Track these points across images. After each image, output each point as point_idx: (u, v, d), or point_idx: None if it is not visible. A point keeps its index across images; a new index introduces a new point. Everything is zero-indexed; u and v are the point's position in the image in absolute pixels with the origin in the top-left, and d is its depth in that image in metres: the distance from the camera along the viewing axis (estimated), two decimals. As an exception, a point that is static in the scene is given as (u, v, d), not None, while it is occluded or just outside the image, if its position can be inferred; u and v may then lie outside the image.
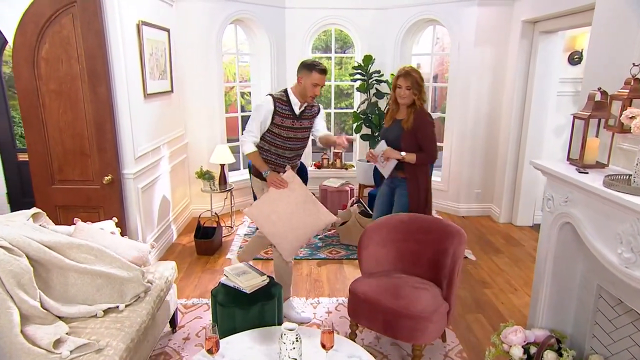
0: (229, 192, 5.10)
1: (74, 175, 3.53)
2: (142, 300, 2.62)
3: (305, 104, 3.18)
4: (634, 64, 2.16)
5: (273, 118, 3.12)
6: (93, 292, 2.49)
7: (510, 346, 2.37)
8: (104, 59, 3.33)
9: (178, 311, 3.30)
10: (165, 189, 4.54)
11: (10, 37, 3.37)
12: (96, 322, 2.37)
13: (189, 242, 4.70)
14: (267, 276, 2.87)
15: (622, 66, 2.27)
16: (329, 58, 6.75)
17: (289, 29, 5.77)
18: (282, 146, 3.22)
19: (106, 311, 2.48)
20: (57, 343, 2.11)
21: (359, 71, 5.66)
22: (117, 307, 2.52)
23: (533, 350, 2.33)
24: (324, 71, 3.07)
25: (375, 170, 3.85)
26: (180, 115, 5.06)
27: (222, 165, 4.99)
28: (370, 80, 5.66)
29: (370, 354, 2.79)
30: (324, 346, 2.06)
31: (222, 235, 4.75)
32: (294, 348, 1.92)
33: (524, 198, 5.18)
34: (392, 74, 5.66)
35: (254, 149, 3.16)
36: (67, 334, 2.21)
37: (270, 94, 3.21)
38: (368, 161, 3.70)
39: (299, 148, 3.36)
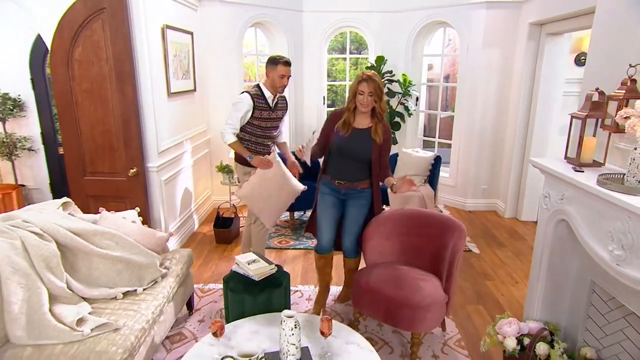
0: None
1: (103, 167, 3.60)
2: (159, 285, 2.67)
3: (277, 96, 3.39)
4: (630, 65, 2.09)
5: (253, 112, 3.28)
6: (114, 276, 2.55)
7: (505, 337, 2.33)
8: (130, 61, 3.38)
9: (195, 295, 3.36)
10: (188, 181, 4.59)
11: (47, 40, 3.45)
12: (116, 304, 2.43)
13: (209, 231, 4.76)
14: (275, 265, 2.89)
15: (620, 67, 2.19)
16: (345, 59, 6.72)
17: (306, 31, 5.74)
18: (262, 135, 3.41)
19: (125, 294, 2.54)
20: (80, 322, 2.17)
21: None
22: (136, 290, 2.57)
23: (526, 341, 2.28)
24: (287, 63, 3.26)
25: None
26: (203, 113, 5.10)
27: (242, 160, 5.02)
28: (382, 80, 5.59)
29: (372, 340, 2.80)
30: (322, 333, 2.07)
31: (240, 225, 4.79)
32: (292, 334, 1.92)
33: (529, 194, 5.07)
34: (403, 74, 5.61)
35: (235, 139, 3.33)
36: (89, 313, 2.27)
37: (247, 91, 3.33)
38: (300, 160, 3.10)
39: (275, 136, 3.55)
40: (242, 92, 3.38)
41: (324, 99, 6.11)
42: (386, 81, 5.57)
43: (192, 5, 4.54)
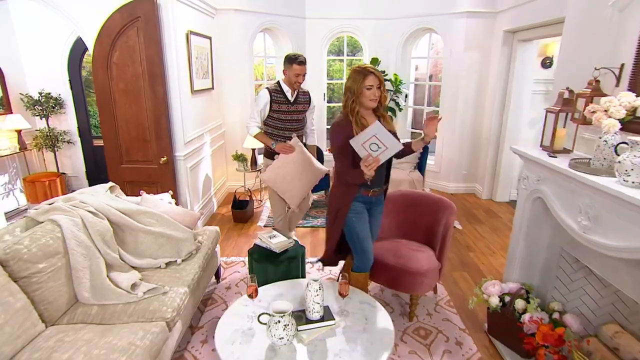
0: (258, 172, 5.21)
1: (137, 156, 3.67)
2: (194, 256, 2.76)
3: (298, 91, 3.30)
4: (595, 68, 2.20)
5: (271, 106, 3.22)
6: (156, 249, 2.64)
7: (489, 296, 2.48)
8: (161, 63, 3.43)
9: (221, 266, 3.45)
10: (208, 169, 4.67)
11: (89, 45, 3.49)
12: (160, 272, 2.53)
13: (227, 212, 4.85)
14: (293, 239, 3.00)
15: (586, 69, 2.28)
16: (342, 60, 6.76)
17: (308, 35, 5.77)
18: (282, 127, 3.33)
19: (167, 264, 2.63)
20: (133, 286, 2.27)
21: (367, 72, 5.67)
22: (176, 261, 2.67)
23: (507, 299, 2.43)
24: (302, 62, 3.14)
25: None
26: (219, 108, 5.15)
27: (253, 150, 5.09)
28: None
29: (376, 302, 2.92)
30: (341, 294, 2.19)
31: (254, 207, 4.89)
32: (317, 294, 2.02)
33: (503, 178, 5.21)
34: (394, 74, 5.67)
35: (258, 130, 3.29)
36: (140, 280, 2.38)
37: (267, 87, 3.27)
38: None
39: (296, 128, 3.41)
40: (264, 88, 3.31)
41: (324, 95, 6.17)
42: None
43: (210, 13, 4.56)
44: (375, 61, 5.62)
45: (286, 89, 3.26)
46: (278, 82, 3.30)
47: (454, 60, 5.22)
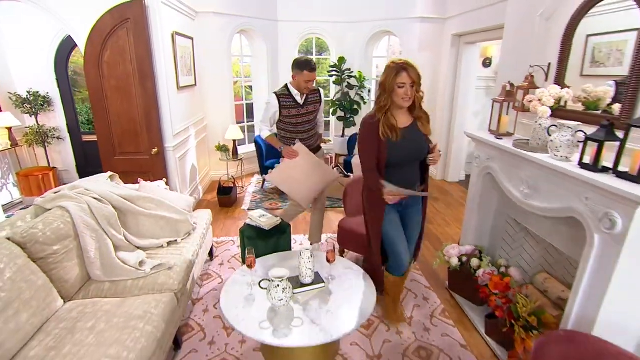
0: (240, 161, 5.23)
1: (129, 149, 3.60)
2: (191, 237, 2.79)
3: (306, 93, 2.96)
4: (530, 65, 2.42)
5: (280, 112, 2.93)
6: (157, 230, 2.65)
7: (450, 257, 2.69)
8: (150, 62, 3.37)
9: (213, 246, 3.50)
10: (193, 159, 4.63)
11: (80, 44, 3.36)
12: (163, 251, 2.56)
13: (212, 199, 4.84)
14: (279, 218, 3.08)
15: (523, 67, 2.49)
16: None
17: (280, 37, 5.76)
18: (294, 131, 3.03)
19: (169, 243, 2.65)
20: (141, 263, 2.29)
21: (335, 69, 5.75)
22: (176, 240, 2.70)
23: (464, 259, 2.66)
24: (313, 69, 2.81)
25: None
26: (201, 103, 5.09)
27: (234, 141, 5.09)
28: (343, 76, 5.77)
29: (354, 268, 3.07)
30: (328, 260, 2.30)
31: (237, 193, 4.91)
32: (309, 261, 2.12)
33: (454, 162, 5.49)
34: (358, 71, 5.78)
35: (269, 133, 3.02)
36: (146, 258, 2.40)
37: (275, 92, 2.96)
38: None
39: (309, 130, 3.09)
40: (272, 93, 2.98)
41: (295, 92, 6.22)
42: (346, 77, 5.75)
43: (191, 15, 4.48)
44: (342, 60, 5.72)
45: (295, 92, 2.92)
46: (286, 86, 2.95)
47: (410, 59, 5.39)
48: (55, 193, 2.37)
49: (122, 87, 3.38)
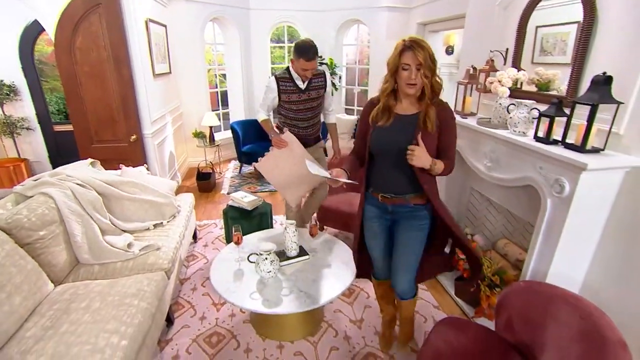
0: (217, 147, 5.16)
1: (107, 136, 3.47)
2: (176, 219, 2.77)
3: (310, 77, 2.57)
4: (490, 50, 2.54)
5: (280, 97, 2.61)
6: (143, 214, 2.61)
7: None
8: (125, 48, 3.23)
9: (196, 229, 3.47)
10: (171, 146, 4.52)
11: (49, 30, 3.16)
12: (149, 233, 2.53)
13: (191, 185, 4.77)
14: (260, 198, 3.11)
15: (484, 52, 2.60)
16: (282, 47, 6.71)
17: (252, 25, 5.64)
18: (294, 118, 2.72)
19: (155, 225, 2.62)
20: (129, 246, 2.26)
21: (306, 57, 5.72)
22: (162, 223, 2.66)
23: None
24: (311, 59, 2.45)
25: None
26: (176, 91, 4.94)
27: (211, 127, 5.01)
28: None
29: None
30: (312, 234, 2.39)
31: (216, 178, 4.86)
32: (294, 235, 2.20)
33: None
34: (330, 58, 5.79)
35: (265, 117, 2.68)
36: (133, 240, 2.37)
37: (275, 74, 2.62)
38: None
39: (310, 117, 2.74)
40: (271, 75, 2.63)
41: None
42: (318, 64, 5.73)
43: (163, 2, 4.29)
44: (313, 48, 5.69)
45: (296, 76, 2.58)
46: (287, 69, 2.61)
47: (378, 46, 5.47)
48: (35, 180, 2.28)
49: (96, 73, 3.23)
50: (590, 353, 1.18)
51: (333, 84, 5.87)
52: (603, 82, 1.69)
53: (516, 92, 2.32)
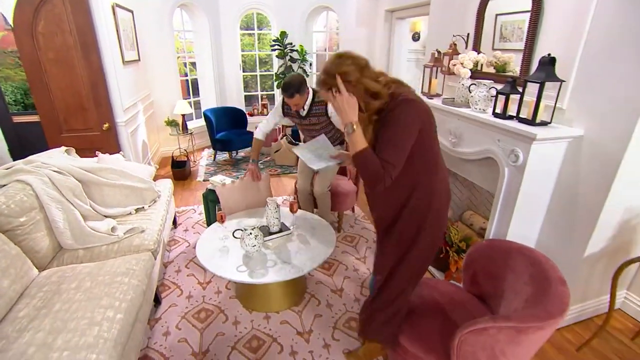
0: (191, 135, 5.11)
1: (77, 125, 3.38)
2: (157, 203, 2.78)
3: (308, 105, 2.62)
4: (453, 35, 2.71)
5: (285, 117, 2.79)
6: (123, 199, 2.61)
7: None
8: (92, 33, 3.14)
9: (176, 214, 3.48)
10: (144, 135, 4.44)
11: (6, 13, 3.01)
12: (132, 217, 2.54)
13: (166, 173, 4.72)
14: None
15: (447, 36, 2.76)
16: (251, 34, 6.66)
17: (222, 11, 5.56)
18: (304, 133, 2.90)
19: (136, 210, 2.64)
20: (113, 229, 2.28)
21: (277, 43, 5.73)
22: (143, 207, 2.68)
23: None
24: (289, 96, 2.48)
25: None
26: (146, 79, 4.82)
27: (183, 115, 4.95)
28: (285, 50, 5.78)
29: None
30: (292, 210, 2.50)
31: (191, 166, 4.83)
32: (276, 211, 2.29)
33: (389, 128, 5.88)
34: (300, 45, 5.83)
35: (262, 138, 2.83)
36: (117, 224, 2.38)
37: (283, 99, 2.69)
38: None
39: (315, 135, 2.56)
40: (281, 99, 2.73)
41: (240, 65, 6.09)
42: (289, 50, 5.76)
43: (128, -14, 4.16)
44: (283, 34, 5.70)
45: None
46: None
47: (348, 33, 5.57)
48: (7, 169, 2.23)
49: (62, 59, 3.13)
50: (538, 291, 1.39)
51: (304, 71, 5.94)
52: (548, 63, 1.90)
53: (477, 74, 2.51)
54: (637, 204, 1.96)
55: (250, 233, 2.06)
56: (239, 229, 2.18)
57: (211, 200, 3.00)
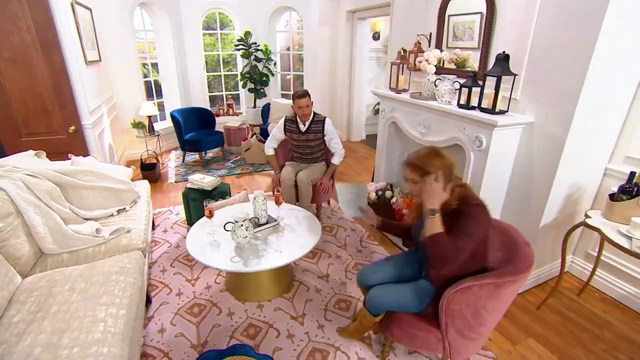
0: (158, 137, 4.96)
1: (39, 128, 3.17)
2: (137, 204, 2.72)
3: (309, 122, 3.07)
4: (417, 34, 2.93)
5: (285, 132, 3.18)
6: (102, 201, 2.53)
7: (369, 193, 3.18)
8: (53, 31, 2.97)
9: (153, 216, 3.40)
10: (109, 139, 4.25)
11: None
12: (114, 219, 2.47)
13: (136, 176, 4.51)
14: (218, 177, 3.17)
15: (412, 35, 2.97)
16: (211, 35, 6.55)
17: (183, 11, 5.42)
18: (296, 150, 3.24)
19: (118, 212, 2.57)
20: (97, 231, 2.21)
21: (242, 43, 5.70)
22: (124, 208, 2.62)
23: (380, 193, 3.17)
24: (302, 96, 2.96)
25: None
26: (108, 81, 4.60)
27: (149, 117, 4.80)
28: (250, 49, 5.76)
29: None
30: (277, 202, 2.57)
31: (160, 168, 4.70)
32: (263, 204, 2.34)
33: (355, 124, 6.05)
34: (264, 45, 5.85)
35: (272, 152, 3.24)
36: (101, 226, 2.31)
37: (286, 116, 3.19)
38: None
39: (310, 152, 3.21)
40: (285, 116, 3.20)
41: (203, 65, 5.98)
42: (253, 50, 5.76)
43: (84, -18, 3.96)
44: (248, 34, 5.69)
45: (299, 120, 3.10)
46: (295, 114, 3.12)
47: (311, 33, 5.68)
48: (-26, 175, 2.10)
49: (19, 59, 2.93)
50: (508, 254, 1.60)
51: (269, 70, 5.98)
52: (503, 59, 2.14)
53: (440, 70, 2.74)
54: (578, 179, 2.27)
55: (242, 225, 2.11)
56: (229, 222, 2.22)
57: (192, 198, 2.99)
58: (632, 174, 2.01)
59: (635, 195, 1.98)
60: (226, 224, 2.23)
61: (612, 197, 2.05)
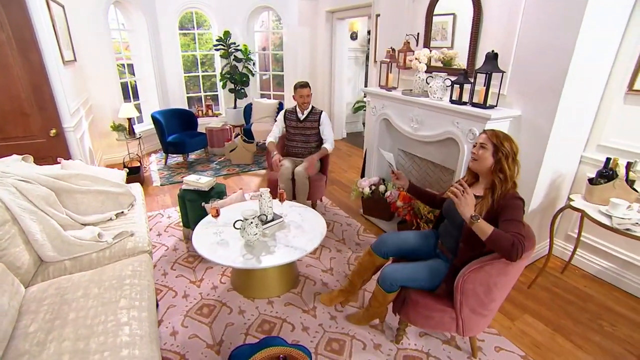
0: (139, 139, 4.77)
1: (16, 132, 2.96)
2: (134, 207, 2.63)
3: (307, 112, 3.31)
4: (406, 34, 3.03)
5: (285, 122, 3.40)
6: (99, 205, 2.43)
7: (363, 188, 3.26)
8: (31, 29, 2.79)
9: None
10: (89, 142, 4.05)
11: None
12: (114, 223, 2.38)
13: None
14: (213, 177, 3.12)
15: (401, 35, 3.05)
16: (186, 35, 6.38)
17: (159, 10, 5.26)
18: (290, 139, 3.42)
19: (117, 215, 2.47)
20: (99, 236, 2.13)
21: (221, 43, 5.60)
22: (123, 212, 2.52)
23: (374, 187, 3.25)
24: (304, 86, 3.24)
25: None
26: (84, 82, 4.37)
27: (130, 119, 4.60)
28: (229, 49, 5.68)
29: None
30: (281, 200, 2.57)
31: (144, 171, 4.53)
32: (270, 201, 2.35)
33: (336, 122, 6.12)
34: (244, 45, 5.78)
35: (272, 140, 3.38)
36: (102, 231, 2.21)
37: (286, 109, 3.44)
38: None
39: (305, 142, 3.37)
40: (285, 109, 3.44)
41: (181, 66, 5.81)
42: (233, 50, 5.67)
43: (57, -22, 3.73)
44: (227, 33, 5.60)
45: (298, 110, 3.35)
46: (296, 105, 3.37)
47: (291, 33, 5.68)
48: (-40, 182, 1.95)
49: (-6, 59, 2.74)
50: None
51: (249, 70, 5.92)
52: (492, 57, 2.28)
53: (430, 68, 2.85)
54: (559, 167, 2.46)
55: (251, 222, 2.11)
56: (239, 220, 2.20)
57: (189, 199, 2.93)
58: (608, 159, 2.22)
59: (611, 178, 2.18)
60: (236, 222, 2.21)
61: (591, 181, 2.24)
